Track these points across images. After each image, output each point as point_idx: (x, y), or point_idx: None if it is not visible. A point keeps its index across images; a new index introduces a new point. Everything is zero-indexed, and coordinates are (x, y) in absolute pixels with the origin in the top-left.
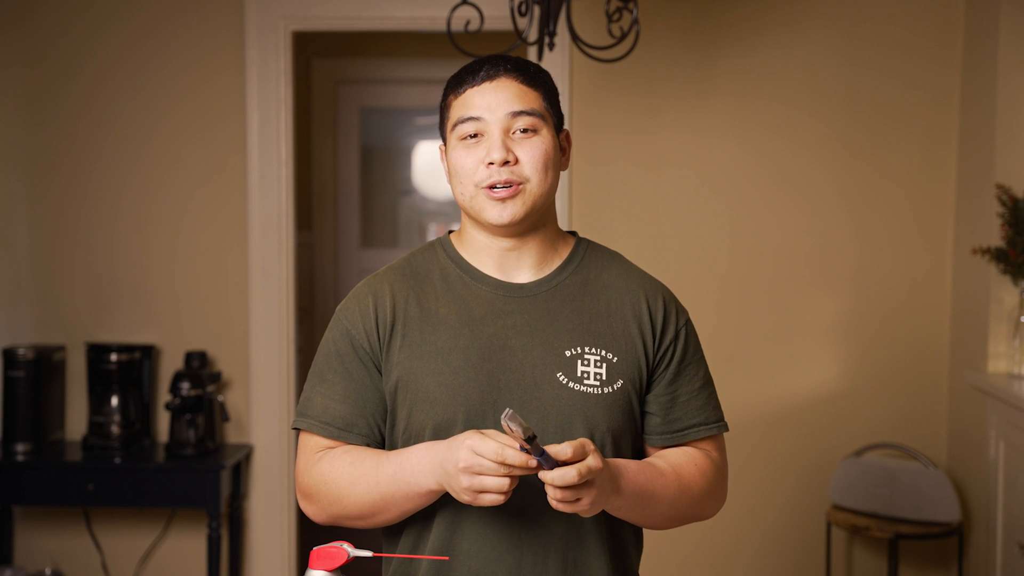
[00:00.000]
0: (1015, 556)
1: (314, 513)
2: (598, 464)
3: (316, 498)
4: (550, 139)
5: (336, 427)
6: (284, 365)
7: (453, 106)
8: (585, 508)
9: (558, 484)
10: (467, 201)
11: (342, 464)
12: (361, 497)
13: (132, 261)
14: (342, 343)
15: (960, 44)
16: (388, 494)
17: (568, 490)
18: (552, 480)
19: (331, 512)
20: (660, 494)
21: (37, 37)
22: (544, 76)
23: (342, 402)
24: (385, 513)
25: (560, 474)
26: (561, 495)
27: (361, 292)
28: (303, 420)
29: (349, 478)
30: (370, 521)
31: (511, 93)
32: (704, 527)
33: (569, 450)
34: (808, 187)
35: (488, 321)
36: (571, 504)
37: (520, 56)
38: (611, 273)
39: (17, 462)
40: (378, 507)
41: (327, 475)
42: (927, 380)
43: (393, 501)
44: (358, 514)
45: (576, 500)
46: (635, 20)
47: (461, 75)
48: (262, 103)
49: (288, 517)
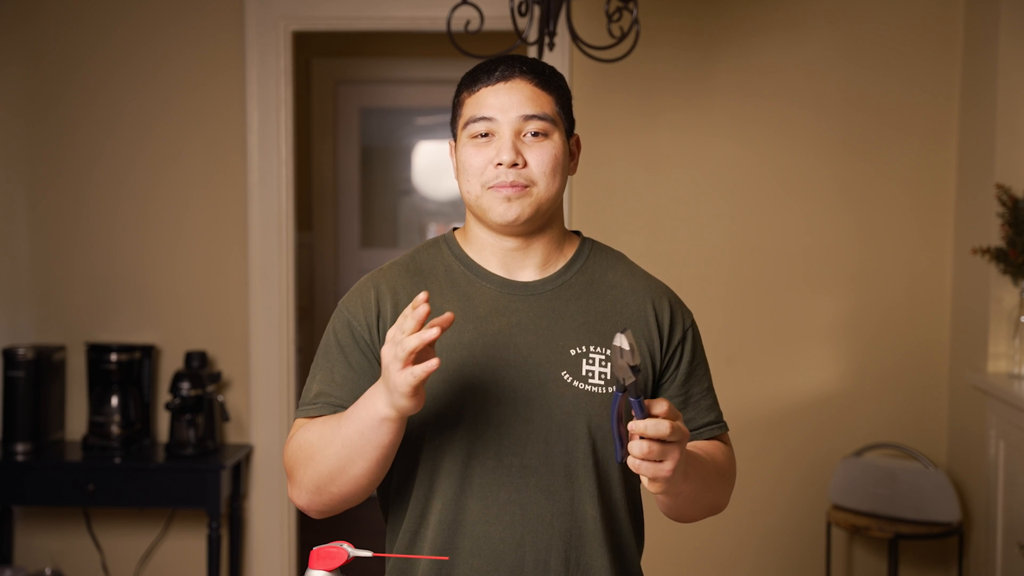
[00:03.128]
0: (1015, 556)
1: (297, 493)
2: (686, 432)
3: (295, 470)
4: (560, 144)
5: (331, 405)
6: (284, 365)
7: (466, 104)
8: (667, 474)
9: (650, 434)
10: (473, 199)
11: (316, 424)
12: (328, 449)
13: (132, 261)
14: (343, 334)
15: (960, 44)
16: (347, 436)
17: (656, 445)
18: (644, 429)
19: (307, 481)
20: (711, 481)
21: (37, 37)
22: (558, 80)
23: (339, 388)
24: (352, 464)
25: (653, 423)
26: (648, 450)
27: (364, 285)
28: (301, 409)
29: (318, 434)
30: (342, 481)
31: (525, 95)
32: (704, 527)
33: (664, 405)
34: (808, 187)
35: (493, 318)
36: (653, 466)
37: (535, 58)
38: (616, 273)
39: (17, 462)
40: (343, 456)
41: (301, 438)
42: (927, 380)
43: (353, 443)
44: (328, 472)
45: (659, 461)
46: (635, 20)
47: (476, 73)
48: (262, 103)
49: (288, 517)
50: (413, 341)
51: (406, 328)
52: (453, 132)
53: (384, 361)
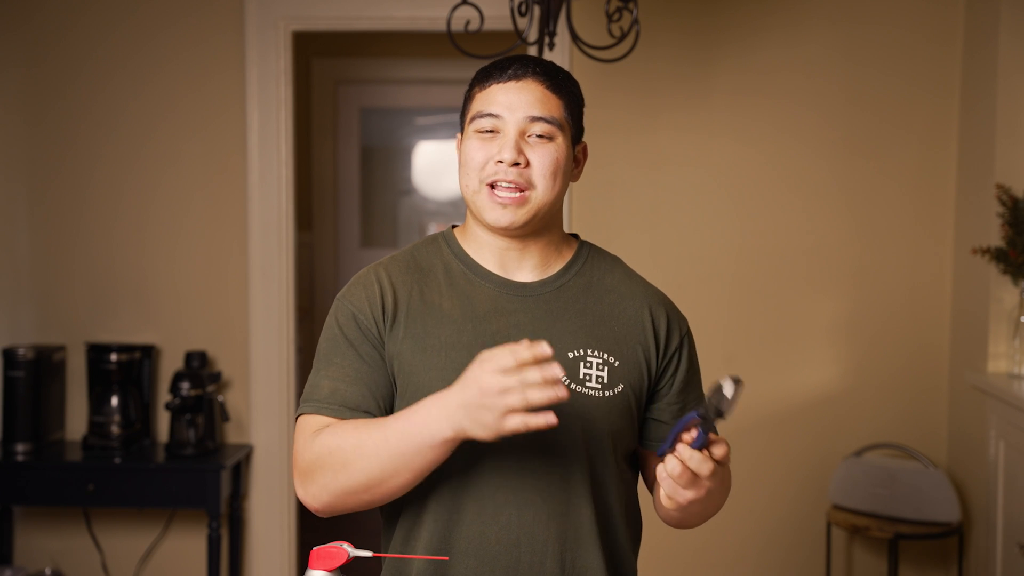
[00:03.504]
0: (1015, 556)
1: (315, 494)
2: (726, 475)
3: (317, 473)
4: (564, 148)
5: (348, 407)
6: (284, 365)
7: (476, 98)
8: (684, 502)
9: (691, 466)
10: (470, 195)
11: (346, 429)
12: (369, 461)
13: (132, 261)
14: (349, 327)
15: (960, 44)
16: (398, 452)
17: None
18: (688, 459)
19: (334, 486)
20: (714, 495)
21: (37, 37)
22: (571, 86)
23: (353, 383)
24: (395, 477)
25: (698, 460)
26: (679, 473)
27: (366, 278)
28: (310, 404)
29: (355, 441)
30: (377, 491)
31: (534, 96)
32: (704, 527)
33: (723, 449)
34: (809, 187)
35: (492, 318)
36: (675, 487)
37: (551, 61)
38: (613, 277)
39: (17, 462)
40: (387, 470)
41: (330, 443)
42: (927, 380)
43: (404, 459)
44: (365, 482)
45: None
46: (635, 20)
47: (489, 69)
48: (262, 103)
49: (288, 517)
50: (547, 394)
51: (530, 379)
52: (461, 125)
53: (487, 387)
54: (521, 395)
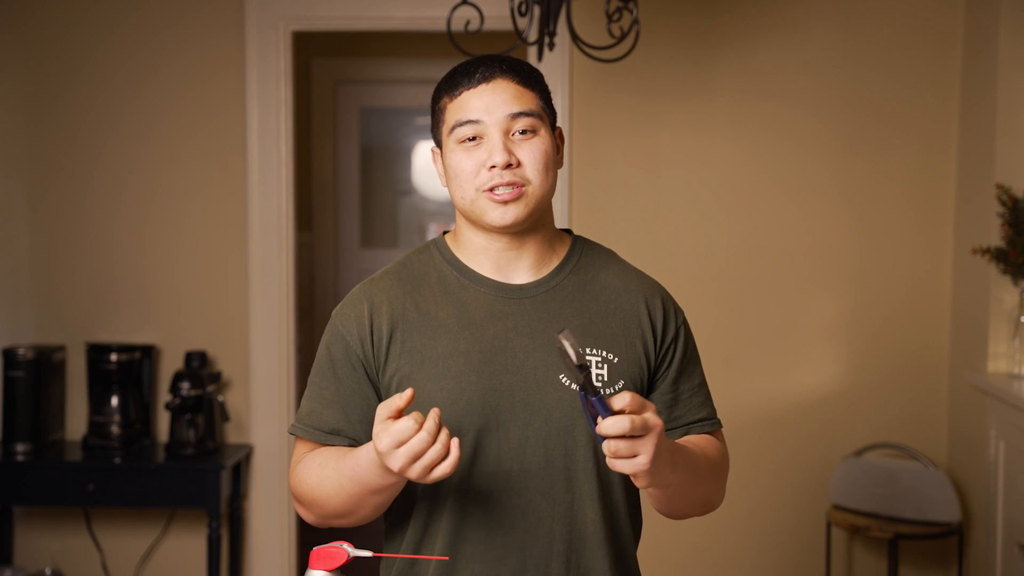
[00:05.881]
0: (1015, 556)
1: (306, 516)
2: (657, 421)
3: (301, 500)
4: (548, 139)
5: (323, 431)
6: (284, 365)
7: (448, 108)
8: (644, 465)
9: (612, 432)
10: (467, 205)
11: (312, 466)
12: (331, 499)
13: (132, 261)
14: (336, 348)
15: (960, 44)
16: (351, 493)
17: (622, 443)
18: (605, 430)
19: (315, 513)
20: (702, 474)
21: (37, 37)
22: (538, 75)
23: (329, 407)
24: (360, 510)
25: (612, 422)
26: (614, 449)
27: (357, 298)
28: (295, 426)
29: (317, 481)
30: (352, 519)
31: (509, 94)
32: (704, 527)
33: (627, 397)
34: (808, 187)
35: (488, 324)
36: (628, 462)
37: (513, 56)
38: (608, 273)
39: (17, 462)
40: (350, 506)
41: (303, 477)
42: (927, 380)
43: (360, 498)
44: (338, 514)
45: (634, 456)
46: (635, 20)
47: (454, 77)
48: (262, 103)
49: (288, 517)
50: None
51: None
52: (436, 139)
53: (383, 448)
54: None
